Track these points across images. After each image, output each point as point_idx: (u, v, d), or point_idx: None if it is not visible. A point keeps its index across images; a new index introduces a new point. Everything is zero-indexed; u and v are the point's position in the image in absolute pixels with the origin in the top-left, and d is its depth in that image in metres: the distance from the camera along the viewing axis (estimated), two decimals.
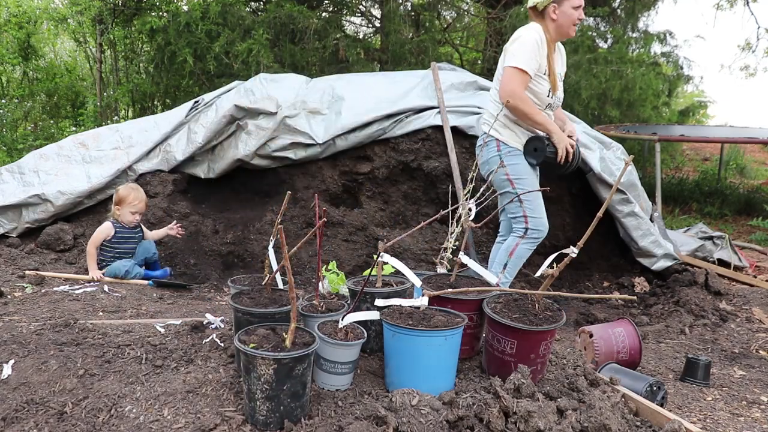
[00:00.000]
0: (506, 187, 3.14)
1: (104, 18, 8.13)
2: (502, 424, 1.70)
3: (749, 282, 4.30)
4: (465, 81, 4.35)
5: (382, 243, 2.16)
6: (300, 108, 4.03)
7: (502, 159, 3.09)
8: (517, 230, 3.15)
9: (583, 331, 2.75)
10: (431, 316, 1.99)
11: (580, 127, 4.24)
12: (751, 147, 10.77)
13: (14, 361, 1.99)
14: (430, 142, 3.97)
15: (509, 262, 3.13)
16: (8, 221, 3.97)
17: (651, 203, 4.63)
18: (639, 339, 2.67)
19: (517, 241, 3.12)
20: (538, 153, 3.11)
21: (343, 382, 1.95)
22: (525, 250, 3.14)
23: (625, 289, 4.11)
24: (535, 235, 3.12)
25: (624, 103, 7.79)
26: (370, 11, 8.96)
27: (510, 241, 3.16)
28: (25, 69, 9.50)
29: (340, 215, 3.95)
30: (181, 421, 1.72)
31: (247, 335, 1.79)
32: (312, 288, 3.39)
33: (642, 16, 8.79)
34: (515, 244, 3.13)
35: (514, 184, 3.12)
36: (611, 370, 2.36)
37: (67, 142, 4.31)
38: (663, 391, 2.20)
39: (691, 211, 7.56)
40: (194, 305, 3.19)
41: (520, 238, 3.12)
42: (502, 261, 3.16)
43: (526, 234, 3.11)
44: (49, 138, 7.66)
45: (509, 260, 3.13)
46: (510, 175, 3.10)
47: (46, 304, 2.75)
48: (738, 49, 11.49)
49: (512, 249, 3.12)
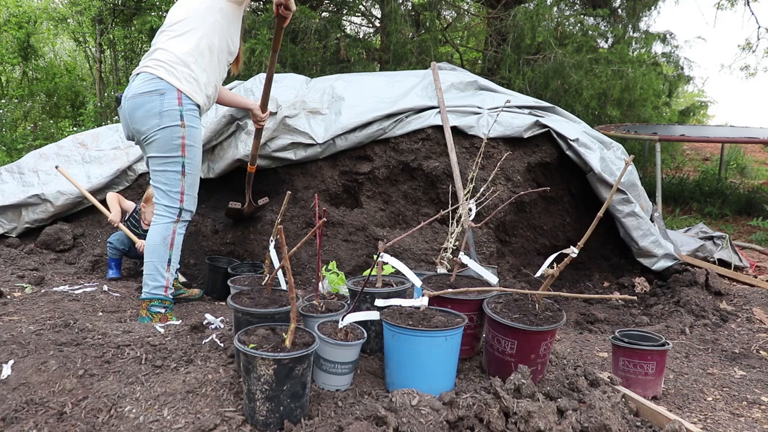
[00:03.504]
0: (175, 152, 2.68)
1: (104, 18, 8.13)
2: (503, 425, 1.70)
3: (750, 282, 4.29)
4: (465, 81, 4.35)
5: (382, 243, 2.16)
6: (300, 108, 4.03)
7: (183, 116, 2.67)
8: (170, 211, 2.73)
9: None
10: (431, 316, 1.99)
11: (581, 127, 4.24)
12: (752, 147, 10.77)
13: (14, 362, 1.98)
14: (430, 142, 3.96)
15: (172, 255, 2.75)
16: (8, 221, 3.97)
17: (651, 203, 4.63)
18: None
19: (173, 228, 2.73)
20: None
21: (343, 382, 1.95)
22: (181, 237, 2.78)
23: (626, 289, 4.10)
24: (188, 217, 2.79)
25: (624, 103, 7.80)
26: (370, 11, 8.97)
27: (163, 229, 2.71)
28: (24, 69, 9.50)
29: (340, 215, 3.94)
30: (180, 421, 1.72)
31: (246, 335, 1.79)
32: (312, 288, 3.39)
33: (643, 16, 8.80)
34: (172, 232, 2.73)
35: (185, 151, 2.70)
36: None
37: (66, 142, 4.31)
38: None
39: (691, 211, 7.56)
40: (194, 305, 3.19)
41: (175, 222, 2.73)
42: (163, 258, 2.72)
43: (181, 216, 2.75)
44: (49, 138, 7.67)
45: (172, 254, 2.75)
46: (186, 140, 2.69)
47: (45, 304, 2.75)
48: (738, 49, 11.49)
49: (171, 239, 2.73)
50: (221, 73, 2.88)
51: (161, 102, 2.63)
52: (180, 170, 2.71)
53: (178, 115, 2.66)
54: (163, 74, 2.66)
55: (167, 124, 2.65)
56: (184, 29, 2.71)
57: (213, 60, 2.77)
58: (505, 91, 4.44)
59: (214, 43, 2.75)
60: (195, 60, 2.70)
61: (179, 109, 2.66)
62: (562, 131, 4.01)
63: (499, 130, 3.94)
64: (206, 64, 2.74)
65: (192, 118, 2.72)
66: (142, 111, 2.66)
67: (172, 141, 2.67)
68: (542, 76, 7.27)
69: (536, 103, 4.29)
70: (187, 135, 2.70)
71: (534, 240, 4.31)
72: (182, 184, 2.73)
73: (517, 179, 3.97)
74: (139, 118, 2.67)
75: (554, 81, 7.28)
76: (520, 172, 3.99)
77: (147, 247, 2.76)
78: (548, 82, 7.29)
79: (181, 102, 2.67)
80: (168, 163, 2.70)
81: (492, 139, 3.93)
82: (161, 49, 2.72)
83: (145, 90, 2.66)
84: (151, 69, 2.70)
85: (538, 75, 7.30)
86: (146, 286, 2.74)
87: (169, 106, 2.64)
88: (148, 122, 2.66)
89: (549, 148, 4.11)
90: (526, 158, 4.05)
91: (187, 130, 2.69)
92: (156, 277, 2.73)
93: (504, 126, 3.96)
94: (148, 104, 2.64)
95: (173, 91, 2.65)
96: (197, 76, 2.72)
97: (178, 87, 2.66)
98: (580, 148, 3.98)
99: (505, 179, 3.96)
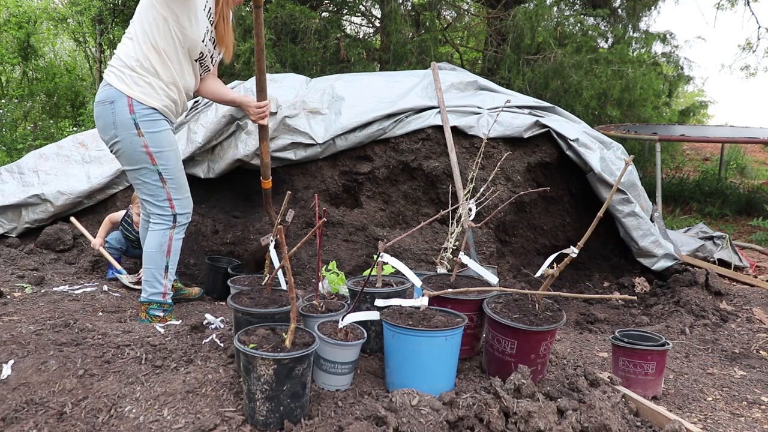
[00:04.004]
0: (143, 163, 2.57)
1: (104, 18, 8.13)
2: (503, 425, 1.70)
3: (750, 282, 4.30)
4: (465, 81, 4.35)
5: (382, 243, 2.16)
6: (300, 108, 4.03)
7: (138, 125, 2.51)
8: (164, 219, 2.66)
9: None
10: (431, 316, 1.99)
11: (581, 127, 4.24)
12: (752, 147, 10.77)
13: (14, 362, 1.98)
14: (430, 142, 3.96)
15: (170, 262, 2.71)
16: (8, 221, 3.97)
17: (651, 203, 4.63)
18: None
19: (169, 234, 2.67)
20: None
21: (343, 382, 1.95)
22: (179, 242, 2.71)
23: (626, 289, 4.11)
24: (184, 221, 2.71)
25: (624, 103, 7.80)
26: (370, 11, 8.97)
27: (159, 236, 2.66)
28: (24, 69, 9.49)
29: (340, 215, 3.94)
30: (180, 421, 1.72)
31: (246, 335, 1.79)
32: (312, 288, 3.39)
33: (643, 16, 8.80)
34: (169, 239, 2.67)
35: (154, 159, 2.56)
36: None
37: (66, 142, 4.31)
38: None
39: (691, 211, 7.56)
40: (194, 305, 3.19)
41: (171, 229, 2.66)
42: (160, 265, 2.68)
43: (176, 221, 2.67)
44: (49, 138, 7.67)
45: (169, 261, 2.70)
46: (150, 148, 2.54)
47: (45, 304, 2.75)
48: (738, 49, 11.50)
49: (168, 246, 2.67)
50: (186, 68, 2.65)
51: (113, 112, 2.50)
52: (158, 178, 2.60)
53: (132, 125, 2.51)
54: (113, 80, 2.53)
55: (123, 135, 2.53)
56: (130, 31, 2.57)
57: (164, 59, 2.54)
58: (505, 91, 4.44)
59: (158, 42, 2.51)
60: (140, 63, 2.51)
61: (131, 117, 2.50)
62: (562, 131, 4.01)
63: (499, 130, 3.94)
64: (157, 65, 2.53)
65: (149, 123, 2.54)
66: (101, 122, 2.57)
67: (135, 152, 2.55)
68: (542, 76, 7.27)
69: (536, 103, 4.29)
70: (149, 142, 2.54)
71: (534, 240, 4.31)
72: (166, 192, 2.63)
73: (517, 179, 3.97)
74: (100, 129, 2.59)
75: (554, 81, 7.27)
76: (520, 172, 3.99)
77: (144, 255, 2.72)
78: (548, 82, 7.29)
79: (133, 109, 2.50)
80: (142, 174, 2.60)
81: (492, 139, 3.93)
82: (114, 54, 2.60)
83: (99, 99, 2.54)
84: (106, 75, 2.59)
85: (538, 75, 7.30)
86: (144, 292, 2.74)
87: (121, 116, 2.50)
88: (107, 133, 2.56)
89: (549, 148, 4.11)
90: (526, 158, 4.05)
91: (147, 137, 2.53)
92: (154, 284, 2.71)
93: (504, 126, 3.96)
94: (103, 114, 2.54)
95: (122, 98, 2.50)
96: (149, 79, 2.53)
97: (127, 93, 2.50)
98: (580, 148, 3.98)
99: (505, 179, 3.96)
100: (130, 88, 2.51)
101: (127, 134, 2.52)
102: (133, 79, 2.52)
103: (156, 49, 2.52)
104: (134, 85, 2.51)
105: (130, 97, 2.50)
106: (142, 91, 2.53)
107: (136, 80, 2.52)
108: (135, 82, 2.52)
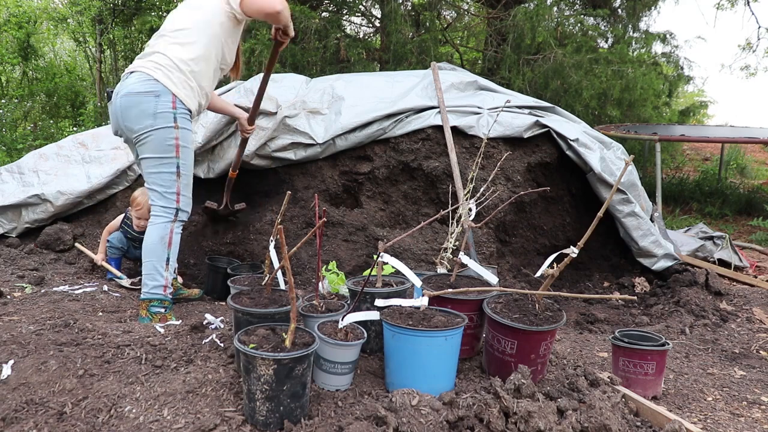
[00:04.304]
0: (169, 153, 2.74)
1: (104, 18, 8.14)
2: (503, 425, 1.70)
3: (750, 282, 4.30)
4: (465, 81, 4.35)
5: (382, 243, 2.16)
6: (300, 108, 4.03)
7: (177, 120, 2.73)
8: (167, 211, 2.77)
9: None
10: (431, 316, 1.99)
11: (581, 127, 4.24)
12: (752, 147, 10.77)
13: (14, 362, 1.98)
14: (430, 142, 3.96)
15: (171, 254, 2.79)
16: (8, 221, 3.97)
17: (651, 203, 4.63)
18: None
19: (170, 228, 2.78)
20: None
21: (343, 382, 1.95)
22: (179, 236, 2.82)
23: (626, 289, 4.11)
24: (183, 218, 2.84)
25: (624, 103, 7.80)
26: (370, 11, 8.97)
27: (160, 229, 2.77)
28: (24, 69, 9.49)
29: (340, 215, 3.94)
30: (180, 421, 1.72)
31: (246, 335, 1.79)
32: (312, 288, 3.39)
33: (643, 16, 8.80)
34: (170, 231, 2.78)
35: (179, 152, 2.76)
36: None
37: (66, 142, 4.30)
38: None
39: (691, 211, 7.56)
40: (194, 305, 3.19)
41: (172, 222, 2.78)
42: (162, 257, 2.77)
43: (177, 216, 2.79)
44: (49, 138, 7.66)
45: (170, 253, 2.78)
46: (180, 141, 2.75)
47: (45, 304, 2.75)
48: (738, 49, 11.50)
49: (169, 238, 2.77)
50: (214, 82, 2.98)
51: (156, 103, 2.68)
52: (175, 171, 2.76)
53: (171, 117, 2.71)
54: (160, 77, 2.70)
55: (161, 125, 2.69)
56: (185, 39, 2.77)
57: (208, 70, 2.85)
58: (505, 91, 4.44)
59: (211, 55, 2.82)
60: (191, 69, 2.77)
61: (173, 111, 2.71)
62: (562, 131, 4.01)
63: (499, 130, 3.94)
64: (202, 73, 2.82)
65: (184, 120, 2.77)
66: (137, 111, 2.69)
67: (165, 142, 2.72)
68: (542, 76, 7.27)
69: (536, 103, 4.29)
70: (180, 136, 2.75)
71: (534, 240, 4.31)
72: (178, 185, 2.78)
73: (517, 179, 3.97)
74: (132, 117, 2.71)
75: (554, 81, 7.27)
76: (520, 172, 3.99)
77: (145, 247, 2.78)
78: (548, 82, 7.29)
79: (175, 105, 2.72)
80: (163, 164, 2.75)
81: (492, 139, 3.93)
82: (159, 53, 2.76)
83: (141, 90, 2.69)
84: (148, 70, 2.73)
85: (538, 75, 7.30)
86: (145, 287, 2.76)
87: (164, 108, 2.69)
88: (142, 122, 2.69)
89: (549, 148, 4.11)
90: (526, 158, 4.05)
91: (180, 131, 2.74)
92: (155, 277, 2.75)
93: (504, 126, 3.96)
94: (143, 104, 2.68)
95: (168, 94, 2.70)
96: (192, 83, 2.79)
97: (174, 91, 2.71)
98: (580, 148, 3.98)
99: (505, 179, 3.96)
100: (177, 87, 2.73)
101: (164, 125, 2.70)
102: (181, 81, 2.75)
103: (207, 61, 2.82)
104: (180, 86, 2.75)
105: (175, 95, 2.72)
106: (186, 93, 2.77)
107: (183, 82, 2.76)
108: (182, 83, 2.75)
